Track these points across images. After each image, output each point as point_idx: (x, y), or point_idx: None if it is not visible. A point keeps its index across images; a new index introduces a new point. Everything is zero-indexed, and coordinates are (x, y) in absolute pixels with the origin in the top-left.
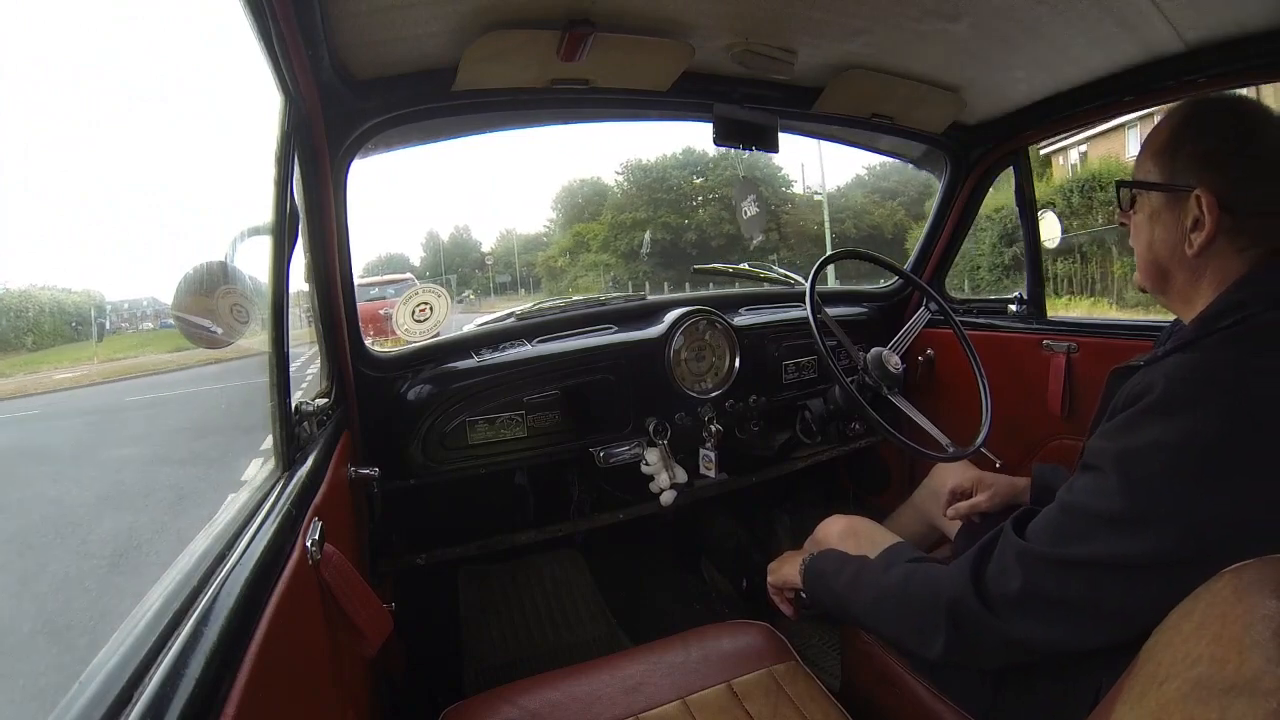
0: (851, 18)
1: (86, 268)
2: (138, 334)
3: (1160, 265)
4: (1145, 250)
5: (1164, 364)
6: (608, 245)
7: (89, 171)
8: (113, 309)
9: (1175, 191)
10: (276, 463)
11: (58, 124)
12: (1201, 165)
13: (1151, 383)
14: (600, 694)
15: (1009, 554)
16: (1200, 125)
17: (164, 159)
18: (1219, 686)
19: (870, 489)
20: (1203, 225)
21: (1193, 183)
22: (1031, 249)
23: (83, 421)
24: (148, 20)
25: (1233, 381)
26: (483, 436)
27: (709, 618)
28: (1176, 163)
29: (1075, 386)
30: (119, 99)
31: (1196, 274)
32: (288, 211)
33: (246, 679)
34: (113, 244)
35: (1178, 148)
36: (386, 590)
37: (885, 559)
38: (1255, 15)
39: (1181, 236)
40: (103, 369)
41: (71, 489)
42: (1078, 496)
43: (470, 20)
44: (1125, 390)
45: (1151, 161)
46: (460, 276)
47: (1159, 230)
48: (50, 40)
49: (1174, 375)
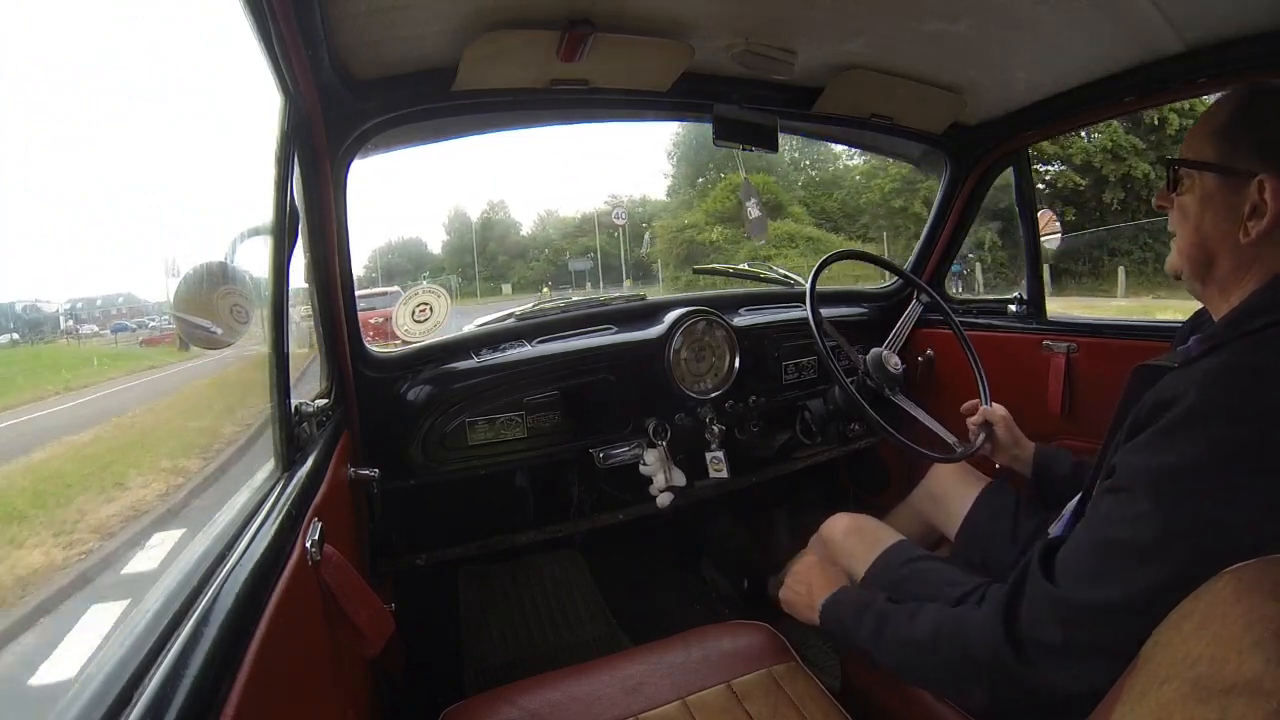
0: (851, 18)
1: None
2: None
3: (1207, 251)
4: (1192, 233)
5: (1194, 370)
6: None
7: (88, 171)
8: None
9: (1235, 175)
10: (276, 463)
11: (56, 124)
12: (1266, 150)
13: (1182, 393)
14: (600, 694)
15: (1042, 604)
16: (1266, 110)
17: (163, 159)
18: (1219, 686)
19: (870, 489)
20: (1262, 213)
21: (1255, 168)
22: (1031, 249)
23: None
24: (147, 20)
25: (1263, 387)
26: (483, 437)
27: (709, 618)
28: (1238, 146)
29: (1075, 386)
30: (118, 99)
31: (1244, 264)
32: (288, 211)
33: (246, 679)
34: (111, 244)
35: (1240, 130)
36: (386, 590)
37: (903, 614)
38: (1255, 15)
39: (1237, 223)
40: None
41: None
42: (1110, 529)
43: (470, 20)
44: (1152, 397)
45: (1208, 142)
46: (494, 266)
47: (1210, 215)
48: (49, 40)
49: (1206, 384)
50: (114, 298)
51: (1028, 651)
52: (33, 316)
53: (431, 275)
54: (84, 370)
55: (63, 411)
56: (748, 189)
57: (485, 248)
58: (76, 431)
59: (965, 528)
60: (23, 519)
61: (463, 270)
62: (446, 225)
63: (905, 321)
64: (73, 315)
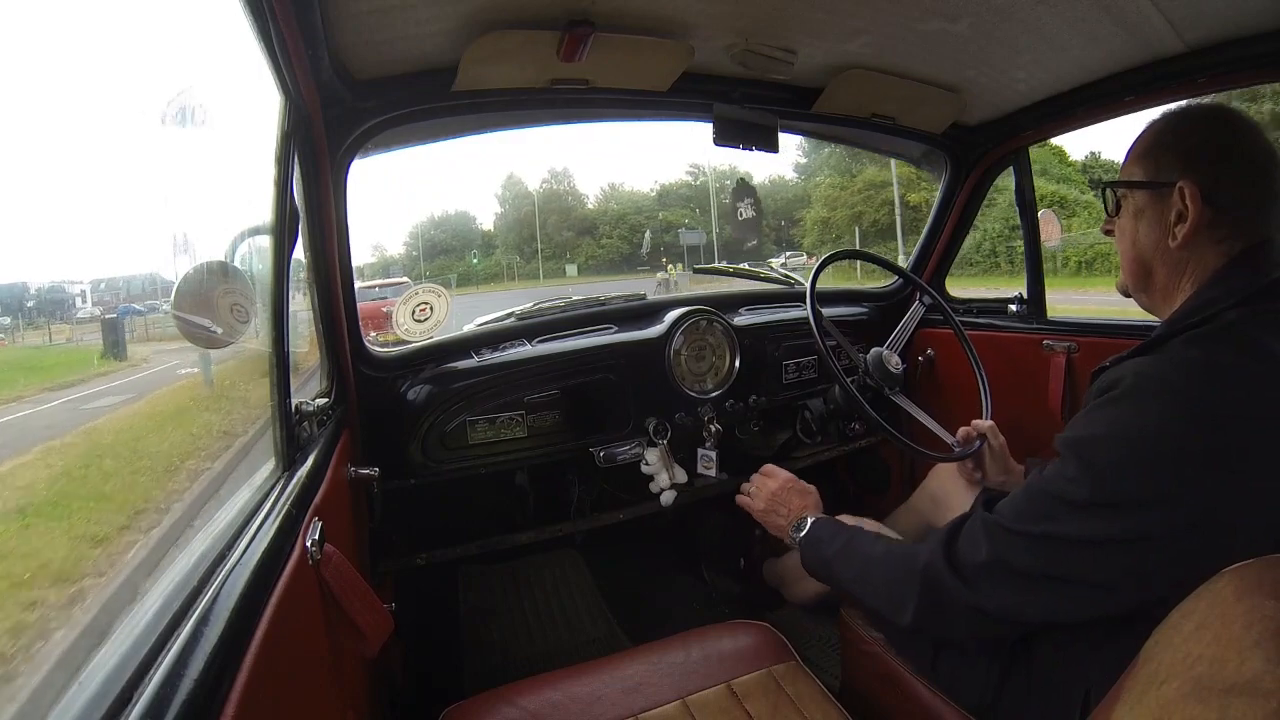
0: (851, 18)
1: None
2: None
3: (1144, 262)
4: (1130, 248)
5: (1133, 362)
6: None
7: (87, 171)
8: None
9: (1160, 188)
10: (276, 462)
11: (55, 123)
12: (1184, 161)
13: (1118, 379)
14: (600, 694)
15: (977, 525)
16: (1182, 127)
17: (163, 159)
18: (1219, 686)
19: (870, 489)
20: (1186, 217)
21: (1176, 177)
22: (1031, 249)
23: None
24: (147, 20)
25: (1191, 382)
26: (483, 436)
27: (709, 618)
28: (1161, 162)
29: (1075, 386)
30: (117, 99)
31: (1178, 269)
32: (288, 211)
33: (246, 679)
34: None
35: (1161, 148)
36: (386, 590)
37: (870, 537)
38: (1255, 15)
39: (1165, 230)
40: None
41: None
42: (1043, 482)
43: (470, 20)
44: (1095, 388)
45: (1136, 164)
46: (554, 244)
47: (1143, 227)
48: (48, 39)
49: (1139, 371)
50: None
51: (960, 565)
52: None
53: (482, 255)
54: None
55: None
56: (743, 190)
57: (545, 222)
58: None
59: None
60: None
61: (520, 247)
62: (500, 196)
63: (907, 321)
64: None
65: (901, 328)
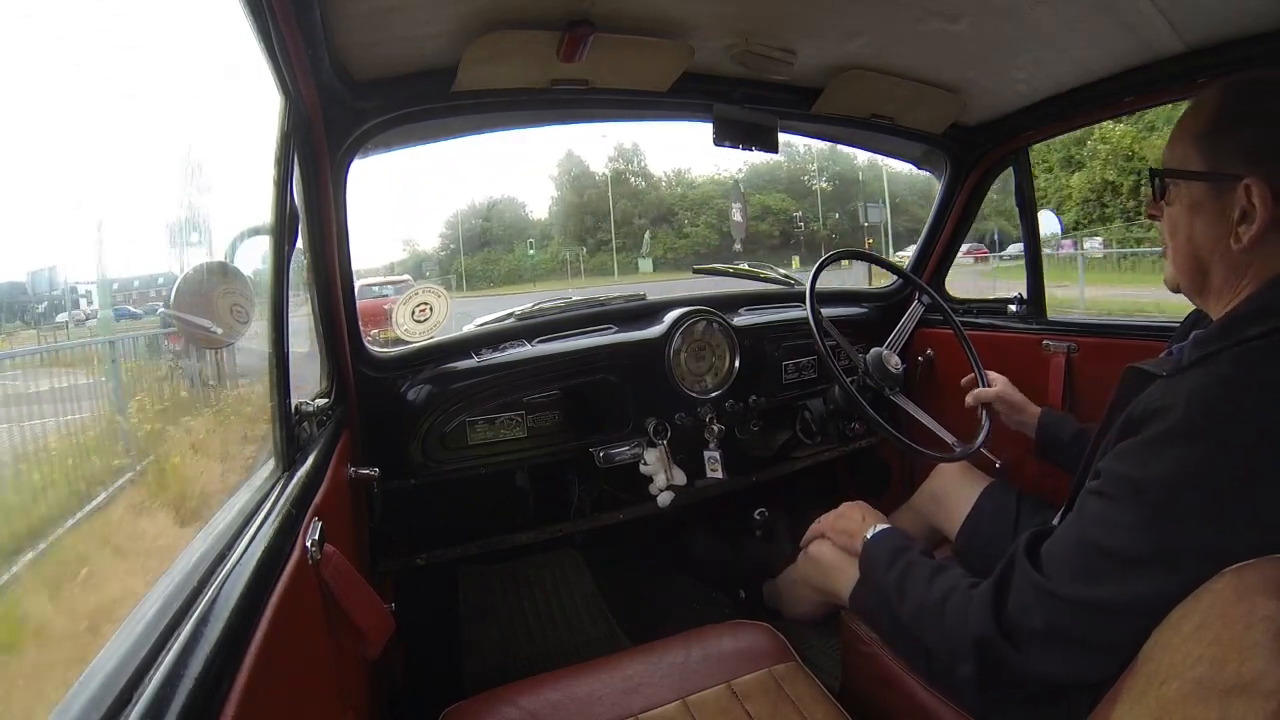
0: (851, 18)
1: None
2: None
3: (1200, 261)
4: (1184, 244)
5: (1185, 380)
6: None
7: (86, 171)
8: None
9: (1220, 181)
10: (276, 462)
11: (54, 123)
12: (1251, 152)
13: (1171, 404)
14: (600, 694)
15: (1028, 590)
16: (1248, 108)
17: (163, 159)
18: (1219, 687)
19: (870, 489)
20: (1252, 218)
21: (1240, 170)
22: (1031, 249)
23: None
24: (147, 20)
25: (1256, 402)
26: (483, 437)
27: (709, 618)
28: (1222, 149)
29: (1075, 386)
30: (117, 99)
31: (1239, 271)
32: (287, 211)
33: (246, 679)
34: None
35: (1223, 133)
36: (386, 590)
37: (929, 569)
38: (1255, 15)
39: (1228, 230)
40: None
41: None
42: (1098, 533)
43: (470, 21)
44: (1142, 403)
45: (1191, 147)
46: (620, 234)
47: (1200, 223)
48: (47, 38)
49: (1196, 397)
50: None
51: (1013, 635)
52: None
53: (538, 246)
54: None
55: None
56: (736, 193)
57: (614, 207)
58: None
59: (966, 528)
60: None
61: (582, 238)
62: (556, 179)
63: (907, 321)
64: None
65: (901, 328)
